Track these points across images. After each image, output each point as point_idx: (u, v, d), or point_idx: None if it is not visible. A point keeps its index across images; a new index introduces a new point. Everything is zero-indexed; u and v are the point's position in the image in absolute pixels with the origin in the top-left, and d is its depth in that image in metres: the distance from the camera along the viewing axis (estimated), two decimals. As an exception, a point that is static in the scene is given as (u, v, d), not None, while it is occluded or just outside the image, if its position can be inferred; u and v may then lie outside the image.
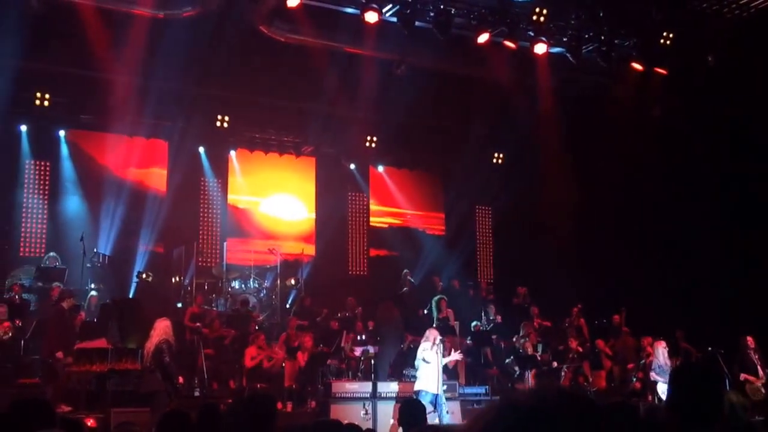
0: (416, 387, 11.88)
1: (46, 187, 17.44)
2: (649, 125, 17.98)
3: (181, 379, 11.58)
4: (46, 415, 3.22)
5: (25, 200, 17.19)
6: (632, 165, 18.11)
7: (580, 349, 15.91)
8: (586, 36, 16.21)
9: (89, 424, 9.97)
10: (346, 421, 6.61)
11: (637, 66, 16.58)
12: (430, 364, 11.76)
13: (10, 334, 12.68)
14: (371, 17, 14.55)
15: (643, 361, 14.69)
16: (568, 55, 16.34)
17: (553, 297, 17.90)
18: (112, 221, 17.33)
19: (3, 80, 15.63)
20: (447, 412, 11.76)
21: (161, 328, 11.26)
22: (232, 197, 19.50)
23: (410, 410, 5.40)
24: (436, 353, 11.69)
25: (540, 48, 15.75)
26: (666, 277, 17.33)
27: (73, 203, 17.47)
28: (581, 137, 18.59)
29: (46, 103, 16.70)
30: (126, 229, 17.35)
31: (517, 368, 15.54)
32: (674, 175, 17.84)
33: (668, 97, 17.41)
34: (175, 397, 11.13)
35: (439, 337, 11.99)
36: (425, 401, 11.45)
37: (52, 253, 16.30)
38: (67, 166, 17.54)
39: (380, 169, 21.28)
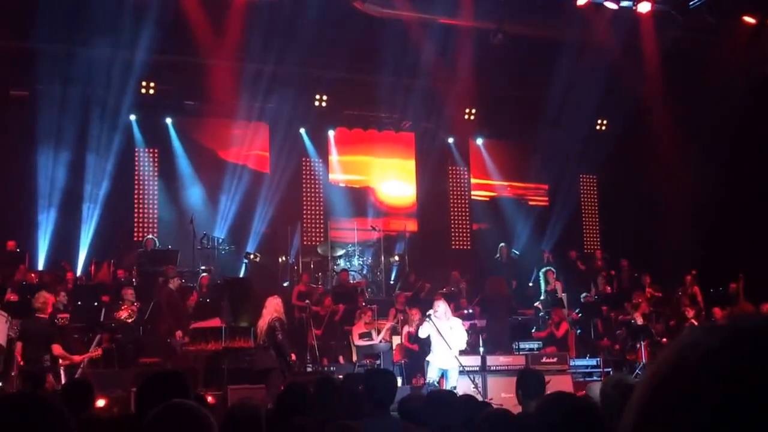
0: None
1: (156, 174, 17.98)
2: (763, 84, 17.07)
3: (293, 356, 11.74)
4: (181, 386, 3.26)
5: (136, 187, 17.78)
6: (746, 125, 17.28)
7: (695, 322, 15.33)
8: (693, -10, 15.50)
9: (209, 400, 10.24)
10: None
11: (749, 20, 15.73)
12: (432, 337, 11.43)
13: (134, 317, 13.15)
14: (467, -14, 14.31)
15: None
16: (673, 12, 15.67)
17: (666, 265, 17.33)
18: (220, 203, 17.79)
19: (113, 72, 16.22)
20: (454, 389, 11.02)
21: (272, 306, 11.41)
22: (333, 176, 19.66)
23: (528, 381, 5.29)
24: (435, 326, 11.25)
25: (644, 6, 15.19)
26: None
27: (182, 188, 17.96)
28: (690, 99, 17.86)
29: (151, 91, 17.16)
30: (233, 210, 17.78)
31: (629, 339, 15.14)
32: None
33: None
34: (289, 374, 11.30)
35: (435, 310, 11.53)
36: (431, 374, 11.38)
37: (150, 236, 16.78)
38: (175, 153, 18.02)
39: (480, 141, 21.01)
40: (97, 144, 16.67)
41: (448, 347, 11.22)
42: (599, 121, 20.78)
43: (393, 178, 20.32)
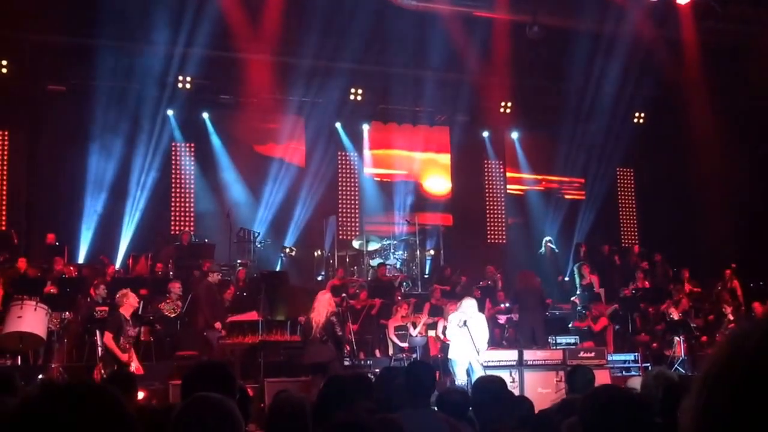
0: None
1: (193, 167, 18.10)
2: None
3: (347, 347, 11.85)
4: (226, 377, 3.26)
5: (173, 181, 17.91)
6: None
7: (731, 317, 15.09)
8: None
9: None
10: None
11: (790, 9, 15.49)
12: (458, 337, 11.18)
13: (177, 312, 13.23)
14: (503, -22, 14.22)
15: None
16: (712, 2, 15.44)
17: (704, 258, 17.11)
18: (257, 197, 17.87)
19: (151, 66, 16.36)
20: None
21: (325, 301, 11.38)
22: (368, 169, 19.66)
23: (577, 377, 5.27)
24: (469, 332, 10.94)
25: (683, -3, 14.97)
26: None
27: (219, 182, 18.03)
28: (728, 91, 17.60)
29: (188, 86, 17.26)
30: (270, 204, 17.85)
31: (666, 335, 14.96)
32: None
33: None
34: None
35: (467, 311, 11.22)
36: (460, 374, 11.13)
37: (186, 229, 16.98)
38: (212, 147, 18.12)
39: (515, 135, 20.85)
40: (137, 138, 16.85)
41: (476, 350, 11.13)
42: (636, 114, 20.55)
43: (428, 173, 20.26)
